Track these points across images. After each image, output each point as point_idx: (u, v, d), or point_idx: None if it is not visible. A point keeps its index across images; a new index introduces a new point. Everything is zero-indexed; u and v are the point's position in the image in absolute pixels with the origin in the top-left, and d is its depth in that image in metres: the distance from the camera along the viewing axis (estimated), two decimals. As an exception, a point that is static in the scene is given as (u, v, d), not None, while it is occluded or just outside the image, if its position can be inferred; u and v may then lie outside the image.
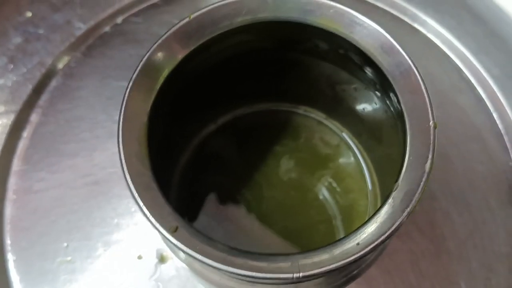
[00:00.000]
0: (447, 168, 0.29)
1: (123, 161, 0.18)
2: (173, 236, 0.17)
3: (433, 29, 0.33)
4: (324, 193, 0.27)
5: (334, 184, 0.27)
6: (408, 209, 0.17)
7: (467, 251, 0.27)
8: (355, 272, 0.25)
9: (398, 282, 0.26)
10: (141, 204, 0.17)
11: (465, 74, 0.32)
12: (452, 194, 0.28)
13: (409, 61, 0.19)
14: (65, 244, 0.27)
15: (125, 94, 0.19)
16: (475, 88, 0.31)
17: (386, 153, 0.25)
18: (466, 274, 0.27)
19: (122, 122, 0.18)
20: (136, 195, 0.17)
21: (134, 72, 0.19)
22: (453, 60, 0.32)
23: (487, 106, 0.31)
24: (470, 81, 0.31)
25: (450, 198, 0.28)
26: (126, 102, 0.18)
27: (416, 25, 0.33)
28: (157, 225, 0.17)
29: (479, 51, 0.32)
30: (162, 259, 0.27)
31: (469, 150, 0.29)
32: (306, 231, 0.27)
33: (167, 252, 0.27)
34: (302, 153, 0.28)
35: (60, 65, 0.31)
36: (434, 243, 0.27)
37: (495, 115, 0.30)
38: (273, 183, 0.27)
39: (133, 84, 0.19)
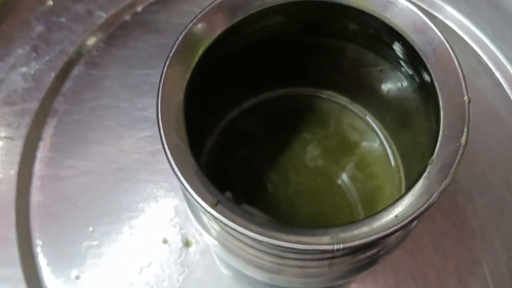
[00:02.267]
0: (467, 149, 0.29)
1: (163, 136, 0.18)
2: (214, 209, 0.17)
3: (451, 15, 0.33)
4: (349, 178, 0.27)
5: (360, 170, 0.27)
6: (446, 181, 0.18)
7: (490, 231, 0.27)
8: (381, 252, 0.25)
9: (422, 263, 0.27)
10: (182, 179, 0.17)
11: (483, 59, 0.32)
12: (473, 175, 0.28)
13: (442, 37, 0.19)
14: (91, 229, 0.27)
15: (162, 72, 0.19)
16: (492, 72, 0.32)
17: (412, 136, 0.25)
18: (488, 254, 0.27)
19: (161, 98, 0.18)
20: (176, 170, 0.18)
21: (170, 51, 0.19)
22: (470, 46, 0.32)
23: (505, 89, 0.31)
24: (487, 65, 0.32)
25: (471, 179, 0.28)
26: (164, 79, 0.19)
27: (433, 12, 0.33)
28: (199, 199, 0.17)
29: (495, 36, 0.32)
30: (187, 243, 0.27)
31: (488, 132, 0.30)
32: (332, 215, 0.27)
33: (192, 236, 0.27)
34: (327, 138, 0.28)
35: (82, 54, 0.32)
36: (457, 224, 0.27)
37: (512, 98, 0.31)
38: (299, 167, 0.27)
39: (170, 61, 0.19)
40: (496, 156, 0.29)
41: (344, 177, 0.27)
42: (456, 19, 0.33)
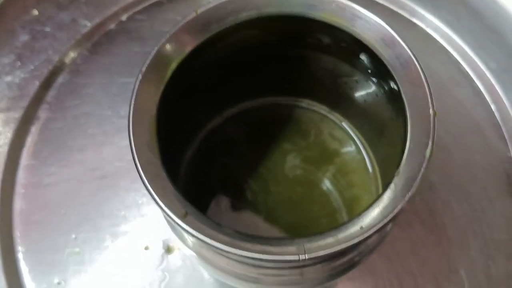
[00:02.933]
0: (446, 159, 0.29)
1: (134, 150, 0.18)
2: (183, 221, 0.18)
3: (432, 23, 0.33)
4: (328, 187, 0.28)
5: (338, 179, 0.28)
6: (409, 194, 0.18)
7: (467, 239, 0.28)
8: (357, 258, 0.25)
9: (399, 269, 0.27)
10: (152, 191, 0.18)
11: (463, 68, 0.32)
12: (452, 184, 0.29)
13: (409, 52, 0.20)
14: (74, 236, 0.28)
15: (134, 86, 0.19)
16: (473, 81, 0.32)
17: (388, 145, 0.26)
18: (466, 261, 0.27)
19: (133, 113, 0.19)
20: (146, 182, 0.18)
21: (143, 65, 0.19)
22: (451, 54, 0.33)
23: (485, 99, 0.31)
24: (468, 74, 0.32)
25: (449, 188, 0.29)
26: (136, 94, 0.19)
27: (414, 20, 0.33)
28: (168, 211, 0.18)
29: (476, 45, 0.32)
30: (168, 250, 0.27)
31: (467, 142, 0.30)
32: (310, 225, 0.27)
33: (174, 242, 0.28)
34: (306, 148, 0.28)
35: (67, 62, 0.32)
36: (435, 232, 0.28)
37: (493, 107, 0.31)
38: (278, 177, 0.28)
39: (142, 76, 0.19)
40: (474, 164, 0.29)
41: (324, 186, 0.28)
42: (437, 28, 0.33)
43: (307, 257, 0.17)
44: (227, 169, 0.28)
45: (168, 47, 0.20)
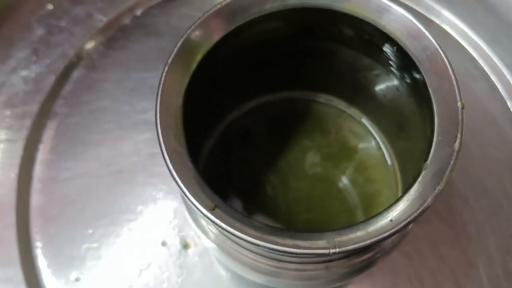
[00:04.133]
0: (463, 154, 0.29)
1: (162, 140, 0.18)
2: (212, 214, 0.18)
3: (448, 20, 0.33)
4: (347, 183, 0.28)
5: (357, 175, 0.28)
6: (440, 186, 0.18)
7: (485, 234, 0.28)
8: (378, 255, 0.25)
9: (419, 266, 0.27)
10: (180, 183, 0.18)
11: (479, 64, 0.32)
12: (470, 180, 0.29)
13: (436, 44, 0.20)
14: (91, 231, 0.27)
15: (161, 77, 0.19)
16: (489, 76, 0.32)
17: (408, 140, 0.26)
18: (484, 256, 0.27)
19: (160, 102, 0.18)
20: (175, 174, 0.18)
21: (169, 57, 0.19)
22: (467, 50, 0.33)
23: (501, 93, 0.31)
24: (484, 70, 0.32)
25: (467, 183, 0.29)
26: (162, 85, 0.19)
27: (431, 17, 0.33)
28: (197, 204, 0.18)
29: (492, 40, 0.32)
30: (185, 246, 0.27)
31: (484, 136, 0.30)
32: (329, 221, 0.27)
33: (191, 238, 0.28)
34: (325, 144, 0.28)
35: (83, 57, 0.32)
36: (453, 228, 0.28)
37: (509, 103, 0.31)
38: (298, 173, 0.28)
39: (168, 68, 0.19)
40: (491, 160, 0.29)
41: (342, 182, 0.28)
42: (453, 24, 0.33)
43: (337, 251, 0.17)
44: (245, 163, 0.28)
45: (193, 37, 0.20)
